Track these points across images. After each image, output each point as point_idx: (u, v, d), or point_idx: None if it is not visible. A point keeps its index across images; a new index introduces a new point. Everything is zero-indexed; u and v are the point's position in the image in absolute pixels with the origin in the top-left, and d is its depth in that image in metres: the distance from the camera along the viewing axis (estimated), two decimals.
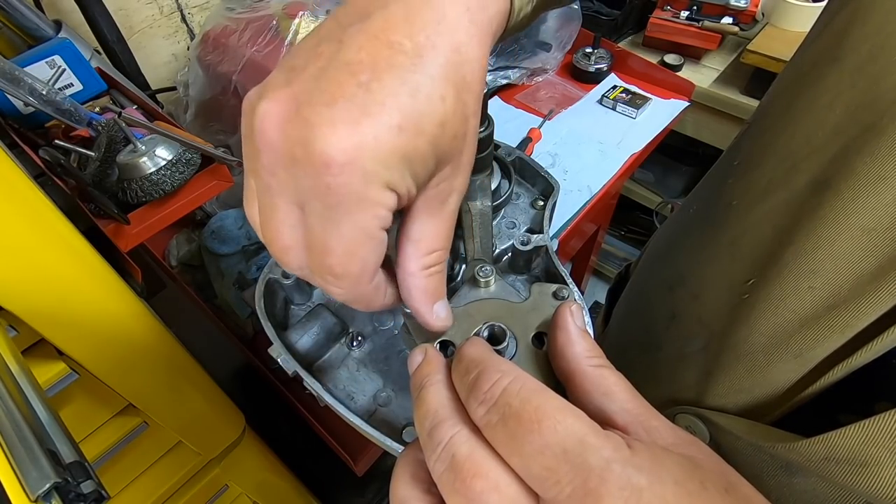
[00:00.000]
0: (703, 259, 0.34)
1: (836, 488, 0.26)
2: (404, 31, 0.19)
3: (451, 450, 0.19)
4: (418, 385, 0.22)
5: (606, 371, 0.21)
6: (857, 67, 0.25)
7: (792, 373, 0.27)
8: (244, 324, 0.73)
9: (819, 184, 0.25)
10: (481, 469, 0.18)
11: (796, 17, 1.03)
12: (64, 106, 0.54)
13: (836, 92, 0.26)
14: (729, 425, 0.30)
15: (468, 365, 0.21)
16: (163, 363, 0.48)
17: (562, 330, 0.23)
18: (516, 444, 0.18)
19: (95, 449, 0.48)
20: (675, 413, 0.34)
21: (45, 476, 0.26)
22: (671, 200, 1.35)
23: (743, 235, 0.30)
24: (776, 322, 0.27)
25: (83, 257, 0.39)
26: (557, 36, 1.02)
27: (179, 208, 0.55)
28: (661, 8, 1.14)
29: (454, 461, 0.19)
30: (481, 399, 0.19)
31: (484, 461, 0.18)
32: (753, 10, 1.06)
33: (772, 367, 0.28)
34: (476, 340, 0.23)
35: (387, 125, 0.18)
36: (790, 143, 0.28)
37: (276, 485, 0.77)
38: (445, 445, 0.19)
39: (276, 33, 0.65)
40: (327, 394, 0.32)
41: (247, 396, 0.68)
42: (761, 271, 0.28)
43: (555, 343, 0.23)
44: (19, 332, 0.37)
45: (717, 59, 1.14)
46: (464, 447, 0.19)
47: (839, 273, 0.24)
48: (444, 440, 0.20)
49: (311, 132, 0.18)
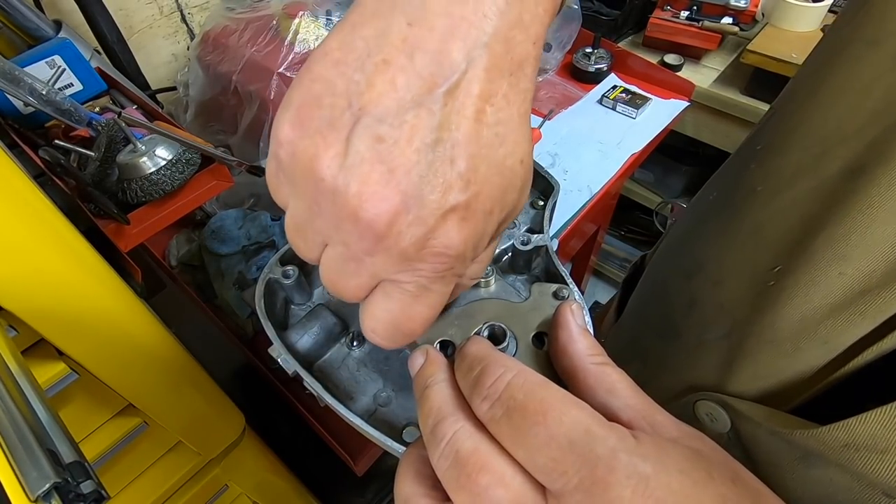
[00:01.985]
0: (723, 245, 0.34)
1: (855, 479, 0.25)
2: (491, 100, 0.18)
3: (455, 445, 0.19)
4: (422, 385, 0.22)
5: (609, 368, 0.21)
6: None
7: (819, 358, 0.26)
8: (244, 324, 0.73)
9: (853, 171, 0.25)
10: (486, 463, 0.18)
11: (796, 17, 1.03)
12: (64, 106, 0.54)
13: (874, 76, 0.25)
14: (750, 412, 0.29)
15: (471, 362, 0.21)
16: (163, 363, 0.48)
17: (563, 328, 0.23)
18: (521, 437, 0.18)
19: (95, 449, 0.48)
20: (695, 400, 0.33)
21: (45, 476, 0.26)
22: (671, 200, 1.35)
23: (768, 222, 0.30)
24: (805, 309, 0.27)
25: (83, 257, 0.39)
26: (557, 36, 1.02)
27: (179, 208, 0.55)
28: (661, 8, 1.14)
29: (458, 456, 0.19)
30: (485, 394, 0.19)
31: (489, 455, 0.18)
32: (753, 10, 1.06)
33: (799, 353, 0.27)
34: (478, 339, 0.23)
35: (486, 213, 0.19)
36: (820, 129, 0.27)
37: (276, 485, 0.76)
38: (449, 441, 0.19)
39: (276, 33, 0.65)
40: (327, 394, 0.32)
41: (247, 396, 0.68)
42: (788, 258, 0.28)
43: (556, 341, 0.23)
44: (19, 332, 0.37)
45: (717, 59, 1.14)
46: (468, 442, 0.19)
47: (871, 259, 0.24)
48: (448, 436, 0.19)
49: (428, 232, 0.18)
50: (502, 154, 0.19)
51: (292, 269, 0.43)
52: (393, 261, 0.19)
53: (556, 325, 0.24)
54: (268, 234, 0.73)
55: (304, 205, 0.20)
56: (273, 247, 0.74)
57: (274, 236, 0.74)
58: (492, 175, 0.18)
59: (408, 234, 0.18)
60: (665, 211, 1.36)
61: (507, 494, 0.18)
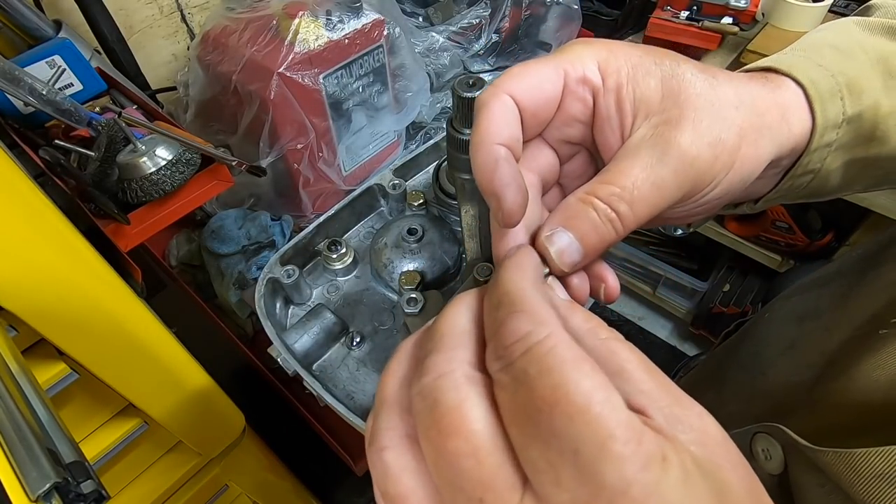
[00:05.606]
0: (851, 295, 0.33)
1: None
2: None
3: (437, 392, 0.16)
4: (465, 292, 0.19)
5: (616, 344, 0.17)
6: None
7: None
8: (244, 324, 0.73)
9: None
10: (462, 427, 0.15)
11: (796, 17, 1.03)
12: (64, 106, 0.54)
13: None
14: (807, 448, 0.26)
15: (501, 297, 0.17)
16: (163, 363, 0.48)
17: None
18: (521, 419, 0.15)
19: (95, 449, 0.48)
20: (756, 431, 0.31)
21: (45, 476, 0.26)
22: None
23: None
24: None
25: (83, 257, 0.39)
26: (557, 36, 1.02)
27: (179, 208, 0.55)
28: (661, 8, 1.14)
29: (436, 405, 0.16)
30: (500, 353, 0.16)
31: (470, 418, 0.15)
32: (753, 10, 1.05)
33: (885, 407, 0.26)
34: (522, 266, 0.19)
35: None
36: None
37: (276, 485, 0.76)
38: (434, 381, 0.16)
39: (276, 33, 0.64)
40: (327, 394, 0.32)
41: (247, 396, 0.67)
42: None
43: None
44: (19, 332, 0.37)
45: (717, 59, 1.14)
46: (451, 395, 0.16)
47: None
48: (434, 374, 0.16)
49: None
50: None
51: (292, 268, 0.43)
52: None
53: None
54: (268, 234, 0.73)
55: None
56: (273, 247, 0.74)
57: (274, 236, 0.74)
58: None
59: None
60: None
61: (476, 471, 0.15)
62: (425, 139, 0.88)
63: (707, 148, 0.21)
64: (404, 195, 0.49)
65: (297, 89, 0.63)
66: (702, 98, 0.22)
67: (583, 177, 0.26)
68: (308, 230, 0.45)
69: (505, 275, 0.18)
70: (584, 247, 0.21)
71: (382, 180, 0.49)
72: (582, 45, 0.23)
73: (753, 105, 0.23)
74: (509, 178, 0.20)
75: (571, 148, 0.25)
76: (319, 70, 0.65)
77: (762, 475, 0.20)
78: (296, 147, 0.67)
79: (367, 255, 0.46)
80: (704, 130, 0.21)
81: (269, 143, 0.67)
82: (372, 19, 0.68)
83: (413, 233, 0.43)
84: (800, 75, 0.24)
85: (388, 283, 0.43)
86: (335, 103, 0.69)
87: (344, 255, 0.45)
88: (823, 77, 0.24)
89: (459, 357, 0.17)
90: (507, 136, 0.21)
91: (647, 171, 0.21)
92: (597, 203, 0.21)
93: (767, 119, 0.23)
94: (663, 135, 0.21)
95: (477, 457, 0.15)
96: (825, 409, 0.30)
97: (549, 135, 0.24)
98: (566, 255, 0.21)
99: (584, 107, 0.23)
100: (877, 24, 0.27)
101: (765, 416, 0.31)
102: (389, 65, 0.74)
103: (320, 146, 0.70)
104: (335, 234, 0.47)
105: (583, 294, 0.22)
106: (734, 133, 0.22)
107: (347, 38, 0.66)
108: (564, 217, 0.21)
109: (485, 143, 0.20)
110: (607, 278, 0.23)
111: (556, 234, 0.21)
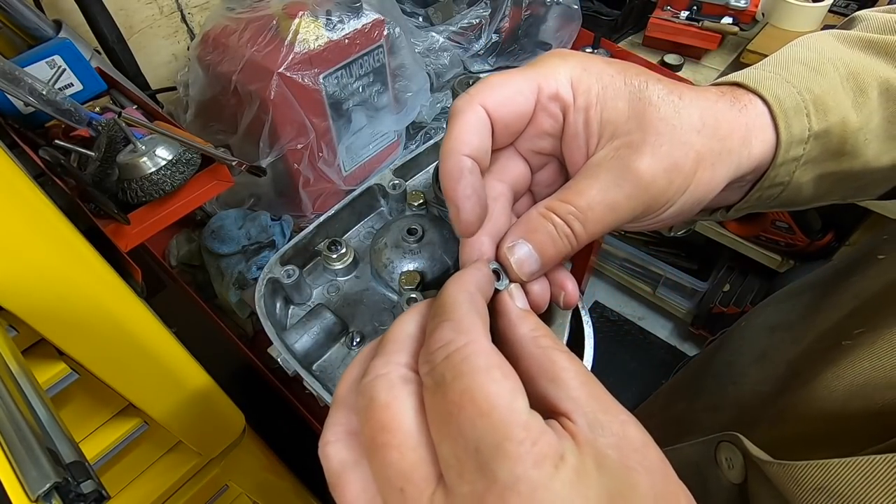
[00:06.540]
0: (820, 307, 0.34)
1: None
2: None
3: (372, 391, 0.18)
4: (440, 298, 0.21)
5: (555, 353, 0.19)
6: None
7: (860, 427, 0.25)
8: (244, 324, 0.73)
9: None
10: (390, 424, 0.17)
11: (796, 17, 1.03)
12: (64, 106, 0.54)
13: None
14: (764, 462, 0.27)
15: (437, 308, 0.19)
16: (163, 363, 0.48)
17: (502, 315, 0.22)
18: (437, 418, 0.17)
19: (95, 449, 0.48)
20: (720, 440, 0.32)
21: (45, 476, 0.26)
22: None
23: (872, 288, 0.30)
24: (870, 370, 0.26)
25: (83, 257, 0.39)
26: (557, 36, 1.02)
27: (179, 208, 0.55)
28: (661, 8, 1.14)
29: (371, 403, 0.18)
30: (427, 358, 0.18)
31: (398, 416, 0.17)
32: (753, 10, 1.06)
33: (843, 420, 0.26)
34: (464, 281, 0.20)
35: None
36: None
37: (276, 485, 0.76)
38: (370, 381, 0.18)
39: (276, 33, 0.64)
40: (327, 394, 0.32)
41: (247, 396, 0.67)
42: (874, 321, 0.27)
43: (496, 333, 0.21)
44: (19, 332, 0.37)
45: (717, 59, 1.14)
46: (383, 393, 0.18)
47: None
48: (371, 376, 0.18)
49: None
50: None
51: (292, 268, 0.43)
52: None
53: (494, 314, 0.22)
54: (268, 234, 0.73)
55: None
56: (273, 247, 0.74)
57: (274, 236, 0.74)
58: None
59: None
60: None
61: (399, 463, 0.17)
62: (425, 139, 0.88)
63: (663, 173, 0.22)
64: (404, 195, 0.49)
65: (297, 89, 0.63)
66: (664, 122, 0.22)
67: (553, 185, 0.27)
68: (308, 230, 0.45)
69: (446, 287, 0.20)
70: (542, 257, 0.23)
71: (382, 180, 0.49)
72: (558, 59, 0.24)
73: (716, 128, 0.23)
74: (471, 191, 0.22)
75: (542, 158, 0.26)
76: (319, 70, 0.65)
77: (725, 484, 0.21)
78: (296, 147, 0.67)
79: (367, 255, 0.46)
80: (663, 156, 0.22)
81: (269, 143, 0.67)
82: (372, 19, 0.68)
83: (413, 233, 0.43)
84: (765, 92, 0.25)
85: (388, 283, 0.43)
86: (335, 103, 0.70)
87: (344, 255, 0.45)
88: (789, 94, 0.25)
89: (397, 360, 0.19)
90: (476, 146, 0.22)
91: (602, 194, 0.22)
92: (555, 219, 0.22)
93: (728, 143, 0.23)
94: (623, 158, 0.22)
95: (400, 450, 0.17)
96: (789, 419, 0.30)
97: (521, 145, 0.25)
98: (525, 265, 0.23)
99: (555, 122, 0.24)
100: (854, 38, 0.28)
101: (733, 425, 0.32)
102: (389, 65, 0.74)
103: (320, 146, 0.70)
104: (335, 234, 0.47)
105: (542, 300, 0.24)
106: (691, 159, 0.22)
107: (347, 38, 0.66)
108: (525, 229, 0.23)
109: (453, 153, 0.22)
110: (566, 286, 0.25)
111: (517, 246, 0.23)
